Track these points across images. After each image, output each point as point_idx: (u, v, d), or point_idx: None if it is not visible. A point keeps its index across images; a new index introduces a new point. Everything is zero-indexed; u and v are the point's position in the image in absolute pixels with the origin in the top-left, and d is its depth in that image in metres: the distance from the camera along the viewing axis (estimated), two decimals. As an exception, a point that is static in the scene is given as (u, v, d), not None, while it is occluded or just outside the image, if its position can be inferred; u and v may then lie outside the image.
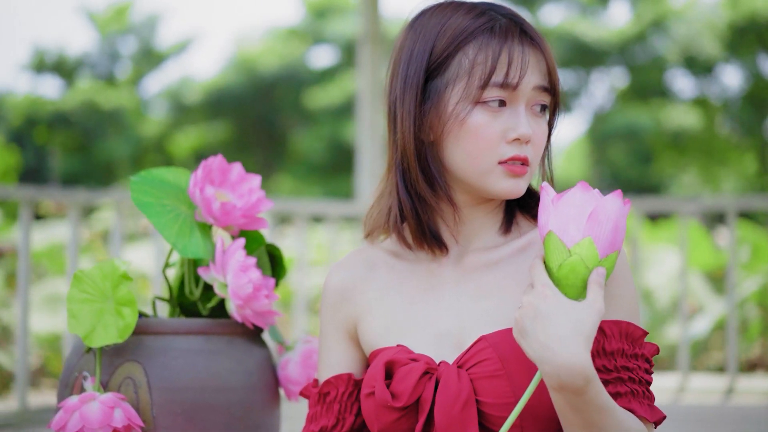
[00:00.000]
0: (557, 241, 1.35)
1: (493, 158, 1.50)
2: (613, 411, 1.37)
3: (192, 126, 19.62)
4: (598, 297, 1.34)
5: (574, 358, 1.30)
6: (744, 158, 17.88)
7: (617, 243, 1.36)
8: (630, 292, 1.50)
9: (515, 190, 1.51)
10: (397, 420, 1.49)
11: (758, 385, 4.87)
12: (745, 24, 16.33)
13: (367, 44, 5.29)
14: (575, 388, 1.32)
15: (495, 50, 1.49)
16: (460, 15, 1.54)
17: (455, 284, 1.57)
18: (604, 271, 1.35)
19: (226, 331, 1.81)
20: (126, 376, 1.75)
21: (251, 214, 1.85)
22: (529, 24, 1.55)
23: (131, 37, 20.62)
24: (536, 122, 1.52)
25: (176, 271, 1.91)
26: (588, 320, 1.32)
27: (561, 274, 1.35)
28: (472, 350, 1.48)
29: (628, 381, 1.44)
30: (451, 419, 1.44)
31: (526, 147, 1.50)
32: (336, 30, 19.10)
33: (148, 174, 1.86)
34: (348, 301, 1.64)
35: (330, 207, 5.23)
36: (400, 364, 1.50)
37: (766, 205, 5.15)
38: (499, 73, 1.49)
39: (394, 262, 1.63)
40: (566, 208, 1.35)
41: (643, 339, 1.48)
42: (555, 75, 1.54)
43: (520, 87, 1.49)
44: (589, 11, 19.29)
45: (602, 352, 1.44)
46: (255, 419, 1.81)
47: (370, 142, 5.25)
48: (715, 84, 18.19)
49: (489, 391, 1.45)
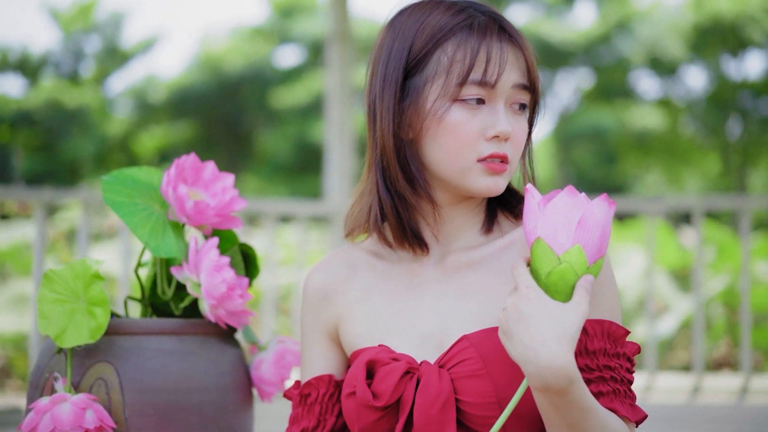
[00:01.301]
0: (546, 248, 1.35)
1: (472, 155, 1.50)
2: (595, 411, 1.37)
3: (157, 125, 19.51)
4: (583, 300, 1.34)
5: (557, 360, 1.30)
6: (707, 159, 18.03)
7: (604, 248, 1.36)
8: (612, 292, 1.50)
9: (494, 188, 1.51)
10: (377, 420, 1.48)
11: (724, 384, 4.90)
12: (709, 25, 16.46)
13: (336, 43, 5.28)
14: (559, 388, 1.32)
15: (473, 47, 1.49)
16: (439, 13, 1.53)
17: (437, 284, 1.57)
18: (592, 278, 1.36)
19: (199, 331, 1.79)
20: (98, 377, 1.73)
21: (225, 213, 1.83)
22: (508, 22, 1.55)
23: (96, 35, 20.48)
24: (516, 120, 1.52)
25: (148, 271, 1.89)
26: (572, 322, 1.32)
27: (550, 280, 1.35)
28: (454, 350, 1.47)
29: (610, 380, 1.44)
30: (430, 419, 1.44)
31: (506, 144, 1.50)
32: (302, 29, 19.06)
33: (119, 173, 1.84)
34: (329, 303, 1.64)
35: (299, 206, 5.21)
36: (381, 364, 1.49)
37: (731, 205, 5.18)
38: (477, 71, 1.48)
39: (375, 262, 1.63)
40: (554, 214, 1.35)
41: (624, 338, 1.48)
42: (534, 73, 1.53)
43: (498, 85, 1.49)
44: (554, 12, 19.37)
45: (585, 351, 1.44)
46: (228, 420, 1.79)
47: (339, 142, 5.24)
48: (679, 85, 18.32)
49: (470, 390, 1.45)
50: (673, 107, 18.12)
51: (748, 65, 17.64)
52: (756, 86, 16.82)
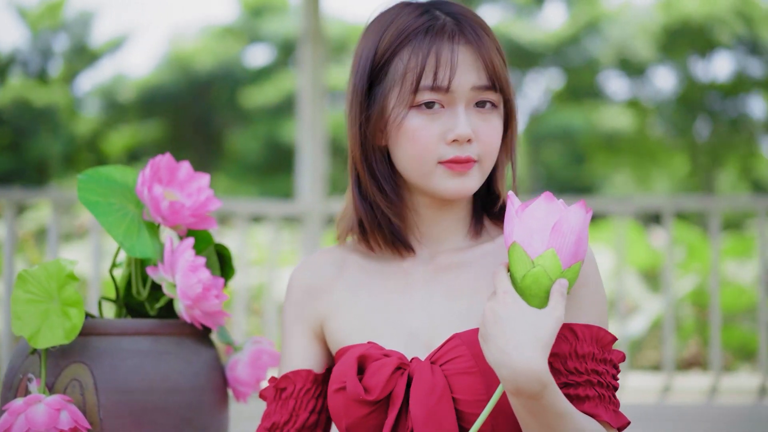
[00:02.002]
0: (521, 252, 1.37)
1: (433, 159, 1.50)
2: (571, 416, 1.38)
3: (125, 125, 19.41)
4: (559, 305, 1.35)
5: (530, 363, 1.31)
6: (676, 159, 18.14)
7: (580, 253, 1.38)
8: (601, 299, 1.51)
9: (462, 189, 1.52)
10: (366, 415, 1.49)
11: (694, 384, 4.93)
12: (678, 27, 16.57)
13: (308, 43, 5.27)
14: (532, 392, 1.33)
15: (424, 53, 1.49)
16: (402, 17, 1.54)
17: (426, 284, 1.57)
18: (567, 282, 1.37)
19: (174, 331, 1.79)
20: (72, 378, 1.72)
21: (200, 214, 1.83)
22: (471, 20, 1.53)
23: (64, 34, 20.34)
24: (483, 119, 1.52)
25: (123, 271, 1.88)
26: (546, 327, 1.34)
27: (524, 284, 1.37)
28: (445, 347, 1.48)
29: (596, 385, 1.45)
30: (429, 411, 1.45)
31: (469, 146, 1.50)
32: (272, 29, 19.01)
33: (94, 172, 1.83)
34: (315, 299, 1.64)
35: (270, 206, 5.20)
36: (372, 359, 1.50)
37: (701, 206, 5.22)
38: (427, 76, 1.49)
39: (364, 262, 1.63)
40: (530, 219, 1.37)
41: (611, 345, 1.49)
42: (498, 71, 1.51)
43: (452, 88, 1.49)
44: (524, 13, 19.43)
45: (574, 354, 1.45)
46: (204, 421, 1.78)
47: (311, 142, 5.23)
48: (648, 86, 18.42)
49: (462, 387, 1.45)
50: (641, 108, 18.22)
51: (716, 66, 17.77)
52: (724, 87, 16.95)
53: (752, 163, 17.45)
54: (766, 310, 4.88)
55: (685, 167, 18.14)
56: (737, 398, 4.65)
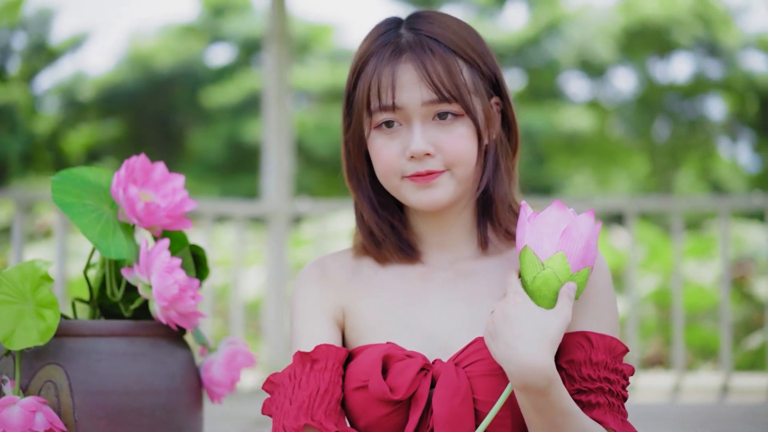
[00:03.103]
0: (532, 255, 1.43)
1: (397, 175, 1.55)
2: (576, 416, 1.42)
3: (85, 123, 19.26)
4: (566, 307, 1.41)
5: (536, 359, 1.37)
6: (635, 160, 18.27)
7: (588, 259, 1.44)
8: (614, 309, 1.56)
9: (430, 200, 1.55)
10: (387, 415, 1.50)
11: (656, 383, 4.98)
12: (638, 29, 16.68)
13: (274, 42, 5.27)
14: (538, 388, 1.38)
15: (370, 76, 1.54)
16: (368, 39, 1.59)
17: (444, 289, 1.59)
18: (575, 286, 1.43)
19: (149, 332, 1.79)
20: (47, 380, 1.71)
21: (175, 215, 1.83)
22: (427, 33, 1.55)
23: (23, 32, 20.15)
24: (444, 131, 1.53)
25: (96, 273, 1.88)
26: (553, 326, 1.39)
27: (534, 286, 1.43)
28: (469, 350, 1.51)
29: (608, 393, 1.49)
30: (452, 411, 1.47)
31: (430, 159, 1.53)
32: (234, 28, 18.93)
33: (68, 173, 1.83)
34: (334, 290, 1.63)
35: (236, 207, 5.19)
36: (395, 359, 1.51)
37: (664, 206, 5.27)
38: (374, 99, 1.53)
39: (379, 265, 1.64)
40: (541, 225, 1.43)
41: (623, 356, 1.53)
42: (447, 82, 1.52)
43: (401, 106, 1.53)
44: (485, 14, 19.48)
45: (589, 362, 1.49)
46: (178, 422, 1.78)
47: (277, 141, 5.23)
48: (608, 87, 18.53)
49: (484, 389, 1.49)
50: (601, 109, 18.32)
51: (675, 68, 17.90)
52: (683, 89, 17.09)
53: (710, 164, 17.61)
54: (728, 309, 4.94)
55: (645, 168, 18.27)
56: (699, 397, 4.71)
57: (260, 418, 3.91)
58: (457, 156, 1.53)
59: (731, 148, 18.14)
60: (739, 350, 6.31)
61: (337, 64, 17.23)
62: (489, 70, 1.58)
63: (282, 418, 1.49)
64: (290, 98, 5.37)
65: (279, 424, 1.49)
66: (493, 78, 1.59)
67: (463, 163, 1.54)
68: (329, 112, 16.30)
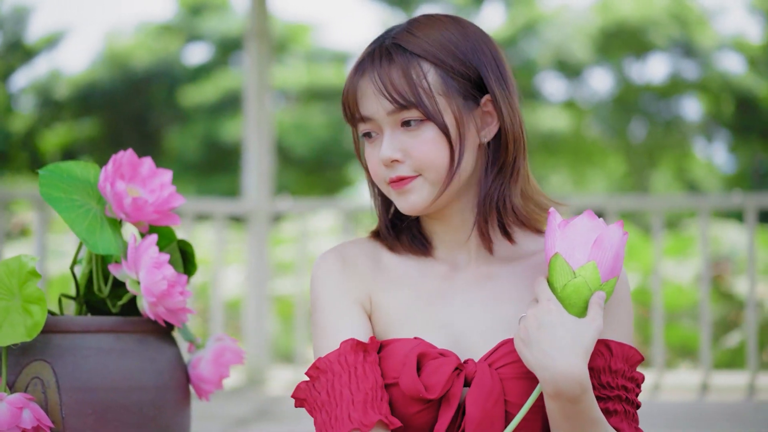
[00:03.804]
0: (563, 263, 1.45)
1: (382, 181, 1.58)
2: (602, 425, 1.44)
3: (61, 122, 19.16)
4: (598, 316, 1.43)
5: (573, 368, 1.39)
6: (611, 160, 18.34)
7: (617, 269, 1.46)
8: (631, 319, 1.58)
9: (408, 204, 1.56)
10: (416, 413, 1.50)
11: (636, 381, 4.99)
12: (614, 29, 16.74)
13: (254, 40, 5.25)
14: (571, 396, 1.40)
15: (345, 91, 1.59)
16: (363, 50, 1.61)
17: (469, 290, 1.59)
18: (604, 295, 1.45)
19: (136, 329, 1.77)
20: (33, 376, 1.70)
21: (163, 210, 1.81)
22: (392, 41, 1.56)
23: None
24: (411, 136, 1.54)
25: (83, 269, 1.86)
26: (588, 335, 1.42)
27: (565, 293, 1.44)
28: (500, 351, 1.51)
29: (624, 401, 1.52)
30: (485, 413, 1.47)
31: (400, 166, 1.55)
32: (211, 27, 18.88)
33: (56, 167, 1.81)
34: (360, 279, 1.61)
35: (216, 205, 5.17)
36: (429, 357, 1.50)
37: (644, 205, 5.28)
38: (347, 113, 1.58)
39: (401, 258, 1.63)
40: (573, 233, 1.45)
41: (638, 364, 1.55)
42: (403, 90, 1.52)
43: (369, 117, 1.56)
44: (463, 14, 19.51)
45: (608, 369, 1.51)
46: (166, 419, 1.77)
47: (257, 140, 5.22)
48: (584, 87, 18.59)
49: (516, 391, 1.49)
50: (578, 109, 18.38)
51: (651, 68, 17.98)
52: (659, 89, 17.17)
53: (686, 164, 17.70)
54: (708, 308, 4.96)
55: (621, 168, 18.35)
56: (679, 395, 4.73)
57: (243, 417, 3.90)
58: (425, 160, 1.53)
59: (707, 148, 18.25)
60: (717, 349, 6.35)
61: (314, 63, 17.22)
62: (468, 70, 1.55)
63: (346, 408, 1.46)
64: (270, 96, 5.35)
65: (344, 413, 1.46)
66: (475, 77, 1.56)
67: (432, 167, 1.54)
68: (307, 112, 16.29)
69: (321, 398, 1.49)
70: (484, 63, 1.57)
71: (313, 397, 1.51)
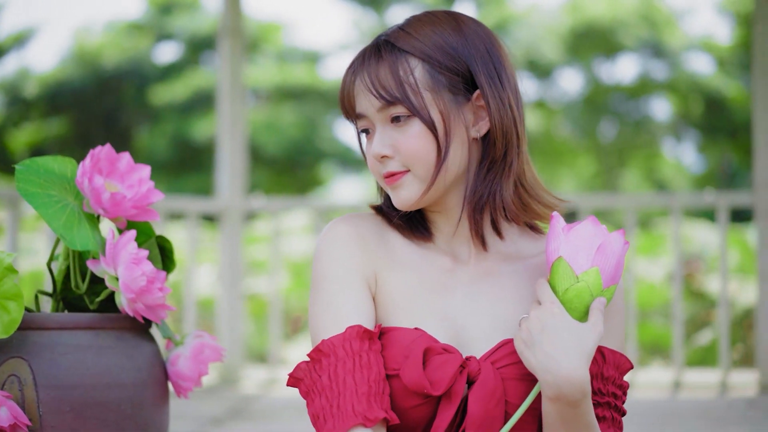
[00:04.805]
0: (566, 267, 1.46)
1: (378, 175, 1.59)
2: (595, 430, 1.45)
3: (30, 121, 19.03)
4: (599, 321, 1.44)
5: (576, 371, 1.40)
6: (581, 159, 18.42)
7: (617, 277, 1.48)
8: (623, 327, 1.60)
9: (399, 200, 1.57)
10: (414, 407, 1.49)
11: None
12: (584, 30, 16.81)
13: (227, 38, 5.23)
14: (572, 399, 1.40)
15: (340, 91, 1.60)
16: None
17: (469, 285, 1.58)
18: (605, 301, 1.46)
19: (114, 325, 1.76)
20: (10, 374, 1.68)
21: (142, 205, 1.80)
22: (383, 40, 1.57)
23: (-35, 27, 19.86)
24: (399, 132, 1.54)
25: (59, 265, 1.84)
26: (590, 340, 1.42)
27: (566, 297, 1.45)
28: (502, 351, 1.51)
29: (613, 408, 1.53)
30: (486, 412, 1.47)
31: (390, 161, 1.56)
32: (181, 26, 18.80)
33: (32, 162, 1.79)
34: (369, 255, 1.57)
35: (189, 203, 5.14)
36: (434, 353, 1.49)
37: (617, 203, 5.30)
38: (344, 111, 1.60)
39: (406, 242, 1.61)
40: (577, 238, 1.47)
41: (627, 373, 1.56)
42: (389, 86, 1.53)
43: (362, 114, 1.57)
44: (433, 13, 19.52)
45: (601, 376, 1.52)
46: (145, 416, 1.76)
47: (230, 138, 5.20)
48: (554, 87, 18.66)
49: (516, 392, 1.49)
50: (548, 109, 18.45)
51: (620, 69, 18.05)
52: (629, 89, 17.26)
53: (655, 164, 17.81)
54: (680, 306, 4.99)
55: (591, 167, 18.43)
56: (651, 393, 4.75)
57: (217, 416, 3.88)
58: (412, 156, 1.54)
59: (676, 148, 18.36)
60: (688, 346, 6.38)
61: (285, 62, 17.18)
62: (457, 65, 1.55)
63: (350, 399, 1.42)
64: (243, 95, 5.33)
65: (347, 404, 1.42)
66: (465, 72, 1.55)
67: (419, 162, 1.54)
68: (278, 111, 16.25)
69: (322, 382, 1.45)
70: (476, 58, 1.56)
71: (313, 380, 1.47)
